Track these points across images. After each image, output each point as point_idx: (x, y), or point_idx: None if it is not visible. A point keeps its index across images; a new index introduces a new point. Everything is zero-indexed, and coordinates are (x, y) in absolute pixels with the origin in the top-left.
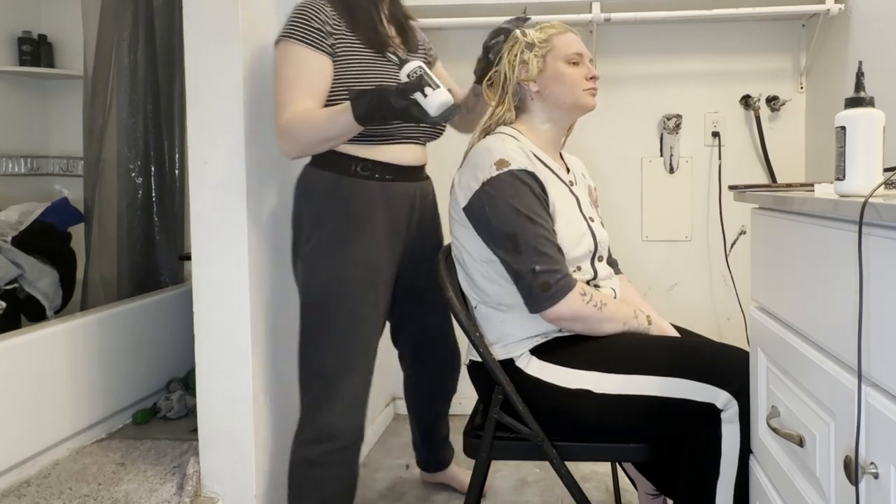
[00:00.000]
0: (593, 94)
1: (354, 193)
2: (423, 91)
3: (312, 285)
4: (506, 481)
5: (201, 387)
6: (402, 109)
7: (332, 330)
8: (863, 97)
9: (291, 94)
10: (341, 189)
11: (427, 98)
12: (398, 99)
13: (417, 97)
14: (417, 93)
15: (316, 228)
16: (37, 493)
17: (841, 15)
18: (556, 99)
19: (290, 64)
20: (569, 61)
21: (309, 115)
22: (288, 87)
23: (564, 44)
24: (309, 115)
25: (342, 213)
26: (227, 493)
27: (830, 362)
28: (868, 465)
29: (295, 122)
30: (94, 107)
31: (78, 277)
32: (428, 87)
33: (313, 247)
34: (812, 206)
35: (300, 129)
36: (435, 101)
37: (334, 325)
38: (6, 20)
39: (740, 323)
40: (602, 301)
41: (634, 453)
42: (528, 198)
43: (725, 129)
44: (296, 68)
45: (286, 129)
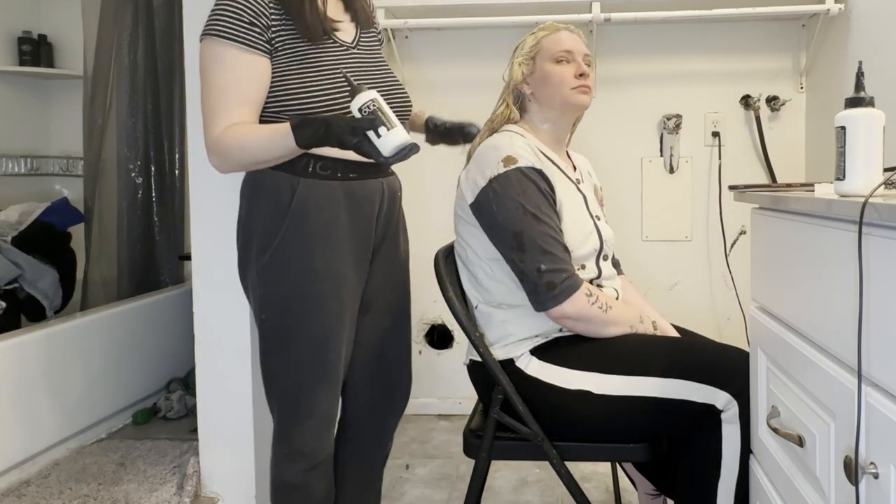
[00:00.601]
0: (584, 92)
1: (313, 196)
2: (376, 130)
3: (271, 301)
4: (506, 481)
5: (201, 387)
6: (353, 146)
7: (297, 349)
8: (863, 97)
9: (223, 104)
10: (298, 192)
11: (381, 138)
12: (349, 136)
13: (370, 135)
14: (370, 131)
15: (271, 238)
16: (37, 493)
17: (841, 15)
18: (547, 99)
19: (220, 67)
20: (556, 60)
21: (243, 134)
22: (219, 94)
23: (552, 43)
24: (243, 135)
25: (300, 219)
26: (227, 493)
27: (830, 362)
28: (868, 465)
29: (227, 140)
30: (94, 107)
31: (78, 277)
32: (383, 127)
33: (270, 259)
34: (812, 206)
35: (232, 149)
36: (390, 144)
37: (298, 343)
38: (6, 20)
39: (740, 323)
40: (607, 303)
41: (634, 453)
42: (535, 195)
43: (725, 129)
44: (227, 73)
45: (216, 146)
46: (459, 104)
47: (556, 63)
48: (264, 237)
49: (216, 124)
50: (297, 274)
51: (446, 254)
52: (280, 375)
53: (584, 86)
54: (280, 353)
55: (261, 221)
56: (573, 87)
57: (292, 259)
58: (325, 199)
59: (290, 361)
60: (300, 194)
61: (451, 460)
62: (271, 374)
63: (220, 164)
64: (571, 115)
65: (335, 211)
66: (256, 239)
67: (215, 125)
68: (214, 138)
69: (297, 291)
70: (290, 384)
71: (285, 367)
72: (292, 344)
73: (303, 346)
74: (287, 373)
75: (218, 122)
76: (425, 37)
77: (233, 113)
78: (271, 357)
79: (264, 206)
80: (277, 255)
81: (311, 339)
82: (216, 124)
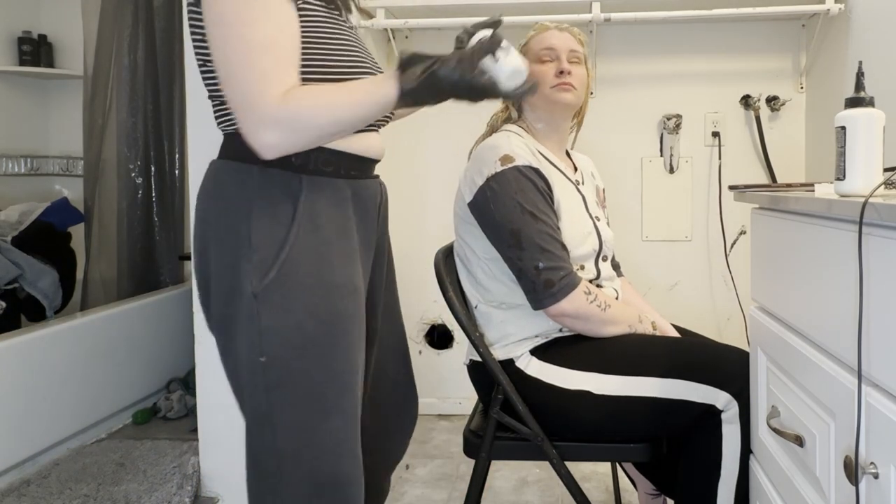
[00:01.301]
0: (564, 90)
1: (323, 197)
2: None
3: (278, 335)
4: (506, 481)
5: (201, 387)
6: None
7: (316, 396)
8: (863, 97)
9: (272, 62)
10: (304, 192)
11: (498, 63)
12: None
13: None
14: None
15: (274, 251)
16: (37, 493)
17: (841, 15)
18: (532, 99)
19: (262, 15)
20: (539, 59)
21: (321, 95)
22: (264, 51)
23: (537, 42)
24: (323, 96)
25: (312, 225)
26: (227, 493)
27: (830, 362)
28: (868, 465)
29: (299, 106)
30: (94, 107)
31: (78, 277)
32: (500, 50)
33: (274, 279)
34: (812, 206)
35: (311, 117)
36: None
37: (318, 388)
38: (6, 20)
39: (740, 323)
40: (606, 302)
41: (634, 453)
42: (532, 194)
43: (725, 129)
44: (270, 23)
45: (280, 116)
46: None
47: (538, 62)
48: (263, 252)
49: (270, 90)
50: (312, 293)
51: (446, 254)
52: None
53: (564, 83)
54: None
55: (257, 233)
56: (552, 85)
57: (305, 275)
58: (335, 199)
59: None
60: (307, 195)
61: (451, 460)
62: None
63: (283, 139)
64: (558, 114)
65: (347, 213)
66: (247, 256)
67: (269, 91)
68: (274, 107)
69: (314, 316)
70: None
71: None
72: (323, 392)
73: (324, 389)
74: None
75: (272, 87)
76: (425, 37)
77: (286, 74)
78: (277, 414)
79: (259, 214)
80: (284, 272)
81: (337, 379)
82: (270, 90)
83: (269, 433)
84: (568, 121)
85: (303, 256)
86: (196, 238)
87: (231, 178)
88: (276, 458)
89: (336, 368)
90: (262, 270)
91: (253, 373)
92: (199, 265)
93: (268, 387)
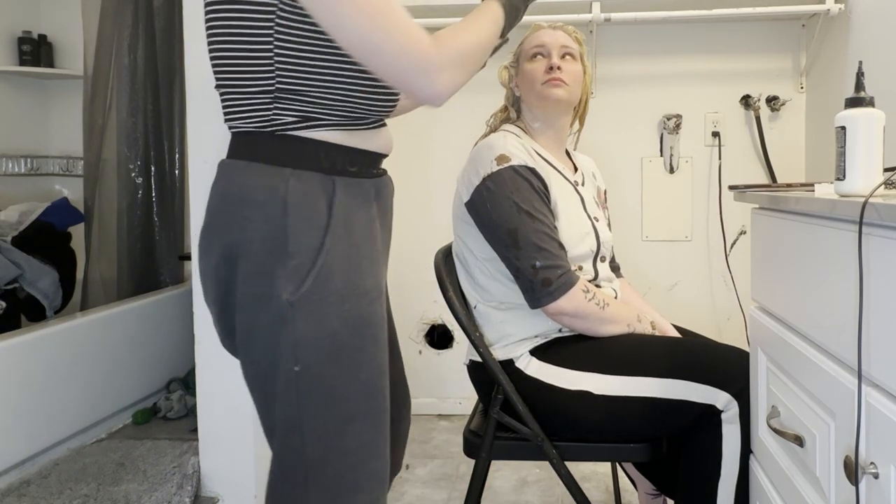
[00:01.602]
0: (555, 85)
1: (353, 200)
2: None
3: (313, 343)
4: (506, 481)
5: (201, 387)
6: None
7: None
8: (863, 97)
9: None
10: (337, 195)
11: None
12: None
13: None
14: None
15: (310, 258)
16: (37, 493)
17: (841, 15)
18: (527, 97)
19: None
20: (530, 57)
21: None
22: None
23: (530, 41)
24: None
25: (345, 229)
26: (227, 493)
27: (830, 362)
28: (868, 465)
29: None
30: (94, 107)
31: (78, 277)
32: None
33: (311, 286)
34: (812, 206)
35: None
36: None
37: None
38: (6, 20)
39: (740, 323)
40: (605, 301)
41: (634, 453)
42: (528, 193)
43: (725, 129)
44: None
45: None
46: (459, 103)
47: (530, 60)
48: (299, 258)
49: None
50: (345, 300)
51: (446, 254)
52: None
53: (554, 79)
54: (319, 415)
55: (294, 238)
56: (543, 81)
57: (339, 283)
58: (362, 200)
59: (340, 421)
60: (340, 198)
61: (451, 460)
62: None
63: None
64: (552, 110)
65: (371, 214)
66: (283, 263)
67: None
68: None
69: (346, 323)
70: (335, 455)
71: (332, 430)
72: (343, 396)
73: (352, 395)
74: (332, 439)
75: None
76: None
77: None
78: (306, 421)
79: (295, 219)
80: (321, 280)
81: (364, 384)
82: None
83: (298, 439)
84: (564, 118)
85: (337, 263)
86: (220, 245)
87: (262, 182)
88: (303, 463)
89: (364, 374)
90: (299, 278)
91: (287, 381)
92: (223, 274)
93: (299, 394)
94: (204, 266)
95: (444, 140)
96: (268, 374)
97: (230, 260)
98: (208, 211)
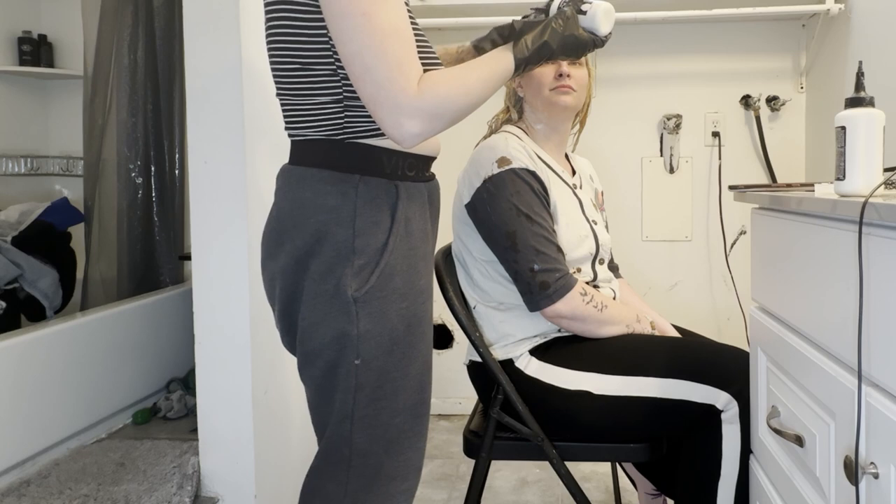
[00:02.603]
0: (563, 92)
1: (412, 204)
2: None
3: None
4: (506, 481)
5: (201, 387)
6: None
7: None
8: (863, 97)
9: (405, 50)
10: (400, 197)
11: (588, 14)
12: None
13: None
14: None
15: (376, 256)
16: (37, 493)
17: (841, 15)
18: (532, 101)
19: (384, 3)
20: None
21: (455, 77)
22: (397, 38)
23: None
24: (457, 78)
25: (406, 230)
26: (227, 493)
27: (830, 362)
28: (868, 465)
29: (439, 91)
30: (94, 107)
31: (78, 277)
32: (585, 4)
33: (376, 283)
34: (812, 206)
35: (451, 100)
36: (599, 13)
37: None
38: (6, 20)
39: (740, 323)
40: (603, 303)
41: (634, 453)
42: (528, 196)
43: (725, 129)
44: (396, 9)
45: (423, 104)
46: None
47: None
48: (365, 257)
49: (407, 79)
50: (404, 298)
51: (446, 254)
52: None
53: (563, 86)
54: (371, 405)
55: (361, 239)
56: (552, 87)
57: (399, 281)
58: (419, 203)
59: (388, 413)
60: (403, 202)
61: (451, 460)
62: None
63: (426, 127)
64: (558, 116)
65: (426, 216)
66: (349, 261)
67: (406, 81)
68: (414, 97)
69: (403, 320)
70: (380, 445)
71: (380, 421)
72: (394, 389)
73: (404, 389)
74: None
75: (409, 76)
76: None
77: (416, 61)
78: (358, 411)
79: (363, 221)
80: (383, 278)
81: (412, 379)
82: (407, 79)
83: (348, 427)
84: (567, 122)
85: (398, 262)
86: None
87: (334, 188)
88: (349, 448)
89: (414, 369)
90: (364, 276)
91: (347, 374)
92: (293, 273)
93: (357, 387)
94: (271, 268)
95: (444, 138)
96: (329, 368)
97: (301, 261)
98: (278, 216)
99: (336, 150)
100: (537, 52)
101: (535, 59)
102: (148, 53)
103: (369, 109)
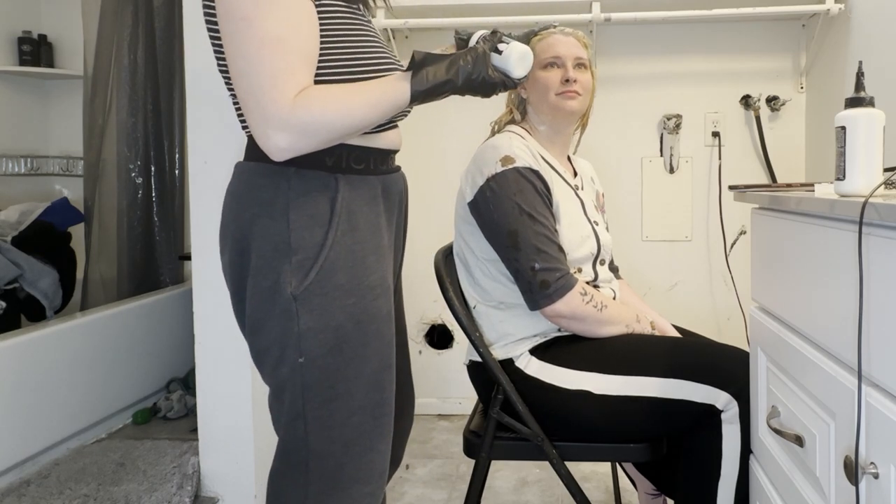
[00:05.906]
0: (569, 97)
1: (357, 197)
2: (497, 49)
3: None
4: (506, 481)
5: (201, 387)
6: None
7: (351, 395)
8: (863, 97)
9: (286, 61)
10: (341, 192)
11: (503, 55)
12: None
13: (494, 59)
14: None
15: (313, 253)
16: (37, 493)
17: (841, 15)
18: (536, 104)
19: (274, 9)
20: (543, 66)
21: (337, 97)
22: (275, 48)
23: (542, 48)
24: (339, 98)
25: (348, 226)
26: (227, 493)
27: (830, 362)
28: (868, 465)
29: (313, 108)
30: (94, 107)
31: (78, 277)
32: (502, 43)
33: (314, 281)
34: (812, 206)
35: (325, 118)
36: (514, 55)
37: (353, 387)
38: (6, 20)
39: (740, 323)
40: (603, 303)
41: (634, 453)
42: (531, 195)
43: (725, 129)
44: (282, 19)
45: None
46: (459, 103)
47: (543, 69)
48: (302, 254)
49: (281, 91)
50: (349, 294)
51: (446, 253)
52: (320, 436)
53: (570, 91)
54: (323, 406)
55: (296, 235)
56: (558, 92)
57: (343, 277)
58: (368, 197)
59: (342, 413)
60: (344, 195)
61: (451, 460)
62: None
63: (294, 143)
64: (562, 120)
65: (378, 210)
66: (287, 258)
67: (280, 92)
68: (285, 110)
69: (351, 318)
70: (337, 446)
71: (335, 422)
72: (347, 389)
73: (358, 389)
74: (335, 430)
75: (284, 88)
76: (425, 37)
77: (300, 73)
78: (310, 412)
79: (297, 216)
80: (324, 274)
81: (367, 378)
82: (281, 91)
83: (301, 428)
84: (571, 126)
85: (341, 258)
86: (231, 241)
87: (267, 181)
88: (306, 452)
89: (368, 368)
90: (302, 272)
91: (292, 372)
92: (236, 269)
93: (304, 386)
94: (222, 262)
95: (444, 138)
96: (275, 365)
97: (242, 255)
98: (223, 210)
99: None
100: (439, 86)
101: (436, 93)
102: (148, 53)
103: (244, 114)
